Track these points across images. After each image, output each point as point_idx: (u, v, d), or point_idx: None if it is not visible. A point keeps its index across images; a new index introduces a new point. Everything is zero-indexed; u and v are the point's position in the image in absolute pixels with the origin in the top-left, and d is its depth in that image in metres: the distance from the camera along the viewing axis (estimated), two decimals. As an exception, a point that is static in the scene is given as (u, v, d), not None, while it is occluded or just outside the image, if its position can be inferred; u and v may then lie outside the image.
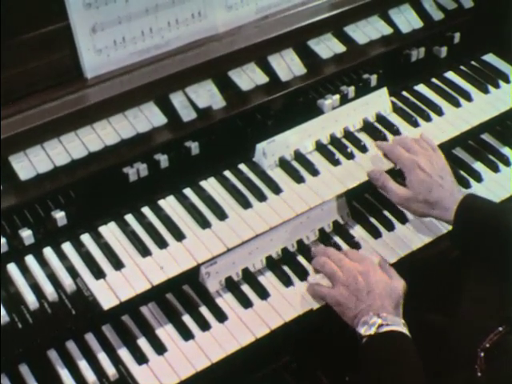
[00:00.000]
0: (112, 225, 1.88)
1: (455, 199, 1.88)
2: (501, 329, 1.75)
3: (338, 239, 2.01)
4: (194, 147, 1.97)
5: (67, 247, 1.82)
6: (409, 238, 2.01)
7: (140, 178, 1.91)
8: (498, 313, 1.86)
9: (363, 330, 1.71)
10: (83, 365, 1.72)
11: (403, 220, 2.06)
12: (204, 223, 1.88)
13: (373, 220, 2.06)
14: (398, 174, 2.03)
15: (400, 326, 1.70)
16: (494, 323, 1.77)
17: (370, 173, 2.02)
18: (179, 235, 1.85)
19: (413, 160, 1.97)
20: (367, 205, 2.12)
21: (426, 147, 2.02)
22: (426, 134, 2.10)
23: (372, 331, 1.69)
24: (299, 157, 2.07)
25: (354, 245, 1.99)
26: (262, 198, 1.95)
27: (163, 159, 1.93)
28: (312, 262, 1.92)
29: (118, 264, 1.79)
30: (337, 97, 2.18)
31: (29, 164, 1.75)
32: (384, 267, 1.86)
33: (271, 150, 2.03)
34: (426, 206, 1.92)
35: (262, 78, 2.04)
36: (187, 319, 1.82)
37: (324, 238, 2.01)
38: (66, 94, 1.83)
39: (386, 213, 2.09)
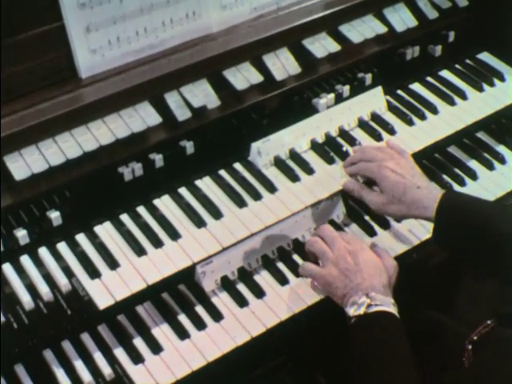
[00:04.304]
0: (107, 224, 1.88)
1: (434, 196, 1.84)
2: (489, 322, 1.74)
3: (333, 238, 2.01)
4: (189, 146, 1.97)
5: (62, 247, 1.82)
6: (404, 236, 2.01)
7: (135, 177, 1.91)
8: (490, 307, 1.85)
9: (352, 311, 1.70)
10: (79, 365, 1.71)
11: (399, 218, 2.06)
12: (199, 222, 1.88)
13: (368, 219, 2.06)
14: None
15: (389, 306, 1.69)
16: (485, 317, 1.77)
17: (344, 185, 2.00)
18: (174, 234, 1.86)
19: (380, 166, 1.94)
20: (362, 203, 2.10)
21: (391, 153, 1.99)
22: (391, 141, 2.08)
23: (361, 311, 1.69)
24: (294, 156, 2.07)
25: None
26: (257, 197, 1.95)
27: (158, 159, 1.93)
28: (305, 243, 1.91)
29: (113, 264, 1.79)
30: (332, 96, 2.18)
31: (24, 164, 1.75)
32: (375, 250, 1.85)
33: (266, 149, 2.03)
34: (403, 208, 1.88)
35: (256, 78, 2.04)
36: (183, 318, 1.82)
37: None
38: (61, 93, 1.83)
39: (382, 211, 2.09)
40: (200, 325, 1.80)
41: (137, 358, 1.74)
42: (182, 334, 1.78)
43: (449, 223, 1.82)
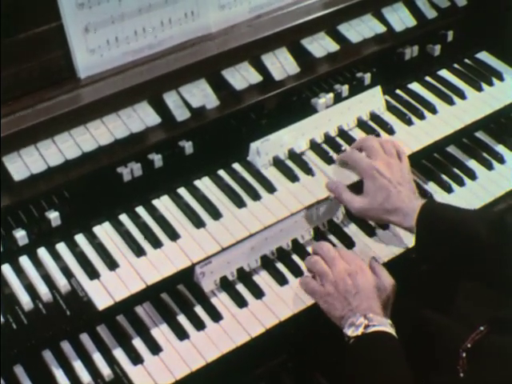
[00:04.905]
0: (106, 225, 1.88)
1: (414, 206, 1.84)
2: (482, 328, 1.71)
3: (332, 238, 2.01)
4: (188, 147, 1.97)
5: (61, 247, 1.82)
6: (403, 236, 2.01)
7: (134, 177, 1.91)
8: (490, 308, 1.84)
9: (350, 331, 1.71)
10: (78, 365, 1.71)
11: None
12: (198, 223, 1.88)
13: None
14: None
15: (387, 327, 1.70)
16: (484, 318, 1.75)
17: (327, 184, 2.00)
18: (174, 235, 1.85)
19: (371, 165, 1.94)
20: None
21: (391, 152, 1.99)
22: (397, 142, 2.08)
23: (359, 332, 1.69)
24: (293, 156, 2.07)
25: (349, 243, 1.99)
26: (256, 197, 1.95)
27: (157, 159, 1.93)
28: (305, 261, 1.92)
29: (112, 264, 1.78)
30: (330, 95, 2.18)
31: (22, 164, 1.75)
32: (374, 267, 1.86)
33: (265, 149, 2.03)
34: (384, 213, 1.89)
35: (255, 78, 2.04)
36: (182, 319, 1.82)
37: (319, 237, 2.00)
38: (60, 94, 1.83)
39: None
40: (199, 325, 1.80)
41: (136, 359, 1.73)
42: (181, 334, 1.78)
43: (429, 232, 1.82)
